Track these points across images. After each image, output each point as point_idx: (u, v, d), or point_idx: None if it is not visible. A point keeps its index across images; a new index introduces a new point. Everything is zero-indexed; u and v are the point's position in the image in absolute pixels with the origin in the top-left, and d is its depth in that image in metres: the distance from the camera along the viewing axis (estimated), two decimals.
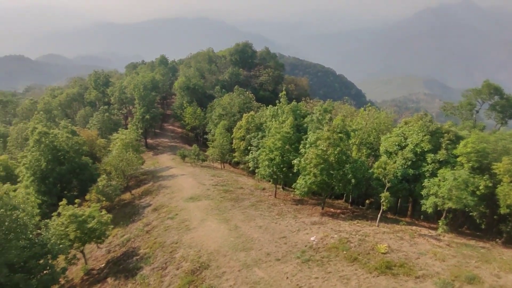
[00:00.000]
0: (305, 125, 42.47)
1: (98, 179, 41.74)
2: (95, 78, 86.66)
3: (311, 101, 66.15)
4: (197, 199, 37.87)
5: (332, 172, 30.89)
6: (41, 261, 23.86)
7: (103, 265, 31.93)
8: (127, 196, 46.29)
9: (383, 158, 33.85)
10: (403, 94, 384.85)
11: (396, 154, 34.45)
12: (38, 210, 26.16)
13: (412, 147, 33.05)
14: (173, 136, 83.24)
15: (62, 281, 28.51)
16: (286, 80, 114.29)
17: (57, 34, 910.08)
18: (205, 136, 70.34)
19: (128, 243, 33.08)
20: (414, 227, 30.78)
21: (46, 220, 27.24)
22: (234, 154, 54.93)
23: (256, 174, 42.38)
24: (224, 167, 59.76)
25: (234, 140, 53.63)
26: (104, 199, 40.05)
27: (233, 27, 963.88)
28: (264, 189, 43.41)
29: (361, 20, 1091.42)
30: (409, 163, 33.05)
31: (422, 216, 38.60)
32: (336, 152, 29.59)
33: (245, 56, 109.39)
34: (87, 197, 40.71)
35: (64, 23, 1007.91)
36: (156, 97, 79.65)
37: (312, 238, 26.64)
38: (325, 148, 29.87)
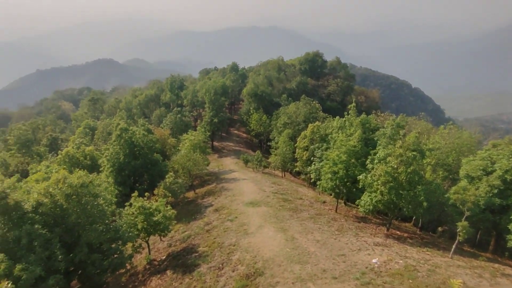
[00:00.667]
0: (374, 139, 40.27)
1: (166, 176, 44.49)
2: (171, 82, 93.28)
3: (382, 114, 62.71)
4: (257, 205, 38.12)
5: (401, 192, 28.63)
6: (113, 245, 26.08)
7: (164, 257, 33.76)
8: (191, 194, 48.59)
9: (463, 182, 30.36)
10: (490, 113, 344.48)
11: (480, 179, 30.63)
12: (115, 199, 28.69)
13: (501, 173, 29.06)
14: (238, 140, 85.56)
15: (128, 267, 30.81)
16: (356, 91, 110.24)
17: (142, 41, 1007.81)
18: (268, 143, 70.95)
19: (188, 240, 34.51)
20: (496, 265, 26.91)
21: (120, 209, 29.75)
22: (296, 164, 54.35)
23: (317, 186, 41.26)
24: (284, 175, 59.47)
25: (297, 150, 53.10)
26: (170, 195, 42.47)
27: (304, 36, 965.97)
28: (324, 202, 42.07)
29: (442, 32, 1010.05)
30: (496, 191, 29.09)
31: (507, 253, 33.71)
32: (408, 171, 27.37)
33: (314, 66, 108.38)
34: (155, 191, 43.69)
35: (150, 32, 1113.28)
36: (225, 102, 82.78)
37: (374, 260, 24.86)
38: (395, 166, 27.83)
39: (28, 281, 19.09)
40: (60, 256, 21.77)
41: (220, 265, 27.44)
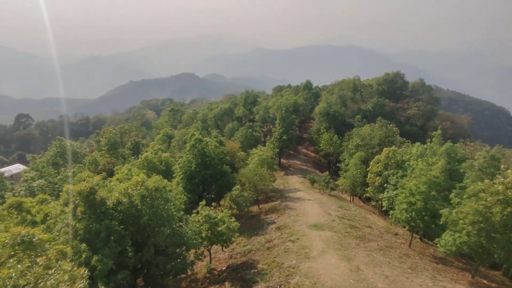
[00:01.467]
0: (460, 170, 35.83)
1: (233, 188, 45.33)
2: (245, 97, 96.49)
3: (472, 144, 55.90)
4: (321, 228, 36.46)
5: (493, 235, 24.61)
6: (178, 250, 27.05)
7: (224, 268, 34.02)
8: (255, 209, 48.70)
9: None
10: None
11: None
12: (183, 206, 29.99)
13: None
14: (306, 159, 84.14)
15: (189, 272, 31.61)
16: (441, 116, 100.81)
17: (222, 57, 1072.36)
18: (337, 165, 68.25)
19: (249, 254, 34.33)
20: None
21: (187, 215, 30.96)
22: (366, 189, 51.07)
23: (390, 216, 37.95)
24: (353, 200, 56.25)
25: (369, 174, 49.96)
26: (235, 207, 43.08)
27: (383, 56, 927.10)
28: (396, 234, 38.42)
29: None
30: None
31: None
32: (505, 213, 23.46)
33: (394, 87, 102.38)
34: (221, 202, 44.79)
35: (230, 48, 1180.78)
36: (296, 119, 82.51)
37: None
38: (489, 205, 24.10)
39: (102, 272, 20.66)
40: (130, 253, 23.24)
41: (278, 286, 26.53)
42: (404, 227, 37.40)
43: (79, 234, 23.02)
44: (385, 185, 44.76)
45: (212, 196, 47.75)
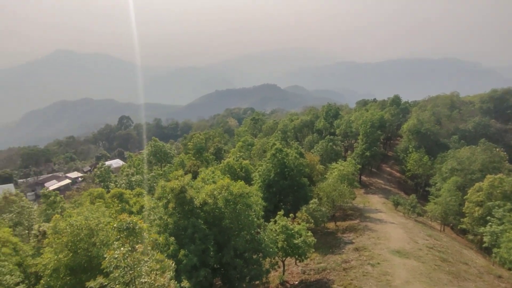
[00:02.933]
0: None
1: (310, 201, 44.38)
2: (327, 110, 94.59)
3: None
4: (405, 256, 33.33)
5: None
6: (255, 256, 27.47)
7: (296, 282, 33.34)
8: (331, 225, 46.96)
9: None
10: None
11: None
12: (263, 213, 30.43)
13: None
14: (389, 179, 78.41)
15: (264, 280, 31.82)
16: None
17: (304, 69, 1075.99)
18: (427, 188, 62.00)
19: (323, 273, 33.09)
20: None
21: (265, 223, 31.31)
22: (462, 219, 45.18)
23: (493, 255, 32.84)
24: (444, 230, 50.26)
25: (466, 203, 44.18)
26: (312, 221, 42.10)
27: (491, 70, 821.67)
28: (500, 277, 32.97)
29: None
30: None
31: None
32: None
33: (502, 105, 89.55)
34: (298, 214, 44.21)
35: (312, 62, 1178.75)
36: (381, 136, 77.83)
37: None
38: None
39: (187, 267, 22.04)
40: (212, 253, 24.35)
41: None
42: (510, 269, 31.97)
43: (169, 228, 25.05)
44: (488, 217, 38.90)
45: (288, 207, 47.45)
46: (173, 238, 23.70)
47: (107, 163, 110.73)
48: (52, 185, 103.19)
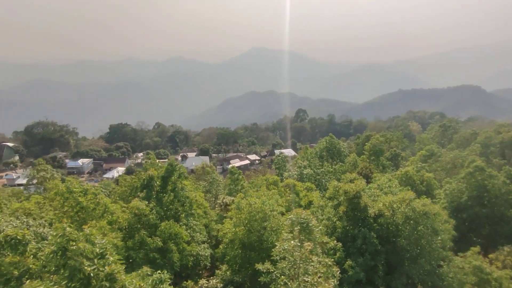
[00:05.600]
0: None
1: None
2: None
3: None
4: None
5: None
6: None
7: None
8: None
9: None
10: None
11: None
12: (451, 244, 24.87)
13: None
14: None
15: None
16: None
17: None
18: None
19: None
20: None
21: (451, 256, 25.54)
22: None
23: None
24: None
25: None
26: None
27: None
28: None
29: None
30: None
31: None
32: None
33: None
34: (494, 255, 34.43)
35: None
36: None
37: None
38: None
39: (351, 279, 20.28)
40: (380, 272, 21.60)
41: None
42: None
43: (336, 231, 23.80)
44: None
45: (479, 240, 37.81)
46: (340, 244, 22.30)
47: (281, 151, 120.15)
48: (235, 163, 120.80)
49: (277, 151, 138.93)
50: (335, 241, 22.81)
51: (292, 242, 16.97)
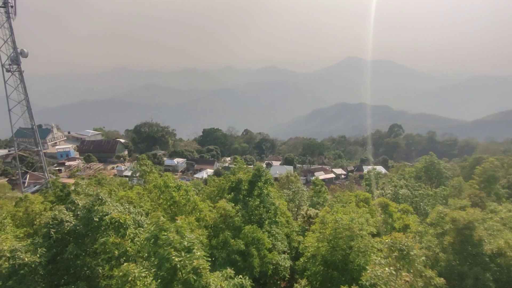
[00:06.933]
0: None
1: None
2: None
3: None
4: None
5: None
6: None
7: None
8: None
9: None
10: None
11: None
12: None
13: None
14: None
15: None
16: None
17: None
18: None
19: None
20: None
21: None
22: None
23: None
24: None
25: None
26: None
27: None
28: None
29: None
30: None
31: None
32: None
33: None
34: None
35: None
36: None
37: None
38: None
39: None
40: None
41: None
42: None
43: (439, 265, 20.39)
44: None
45: None
46: (443, 280, 18.93)
47: (369, 167, 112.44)
48: (320, 175, 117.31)
49: (365, 167, 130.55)
50: (436, 274, 19.57)
51: (386, 269, 14.98)
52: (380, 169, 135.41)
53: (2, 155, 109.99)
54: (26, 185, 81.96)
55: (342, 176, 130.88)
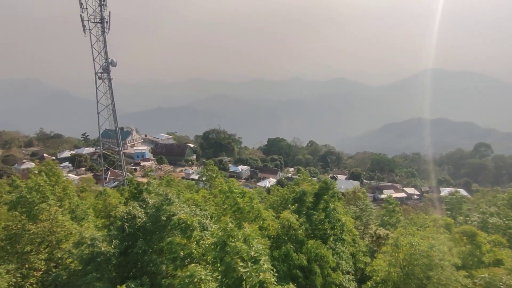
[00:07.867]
0: None
1: None
2: None
3: None
4: None
5: None
6: None
7: None
8: None
9: None
10: None
11: None
12: None
13: None
14: None
15: None
16: None
17: None
18: None
19: None
20: None
21: None
22: None
23: None
24: None
25: None
26: None
27: None
28: None
29: None
30: None
31: None
32: None
33: None
34: None
35: None
36: None
37: None
38: None
39: None
40: None
41: None
42: None
43: None
44: None
45: None
46: None
47: (449, 189, 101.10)
48: (389, 193, 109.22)
49: (443, 189, 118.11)
50: None
51: None
52: (462, 192, 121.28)
53: (90, 153, 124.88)
54: (107, 180, 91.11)
55: (415, 196, 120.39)
